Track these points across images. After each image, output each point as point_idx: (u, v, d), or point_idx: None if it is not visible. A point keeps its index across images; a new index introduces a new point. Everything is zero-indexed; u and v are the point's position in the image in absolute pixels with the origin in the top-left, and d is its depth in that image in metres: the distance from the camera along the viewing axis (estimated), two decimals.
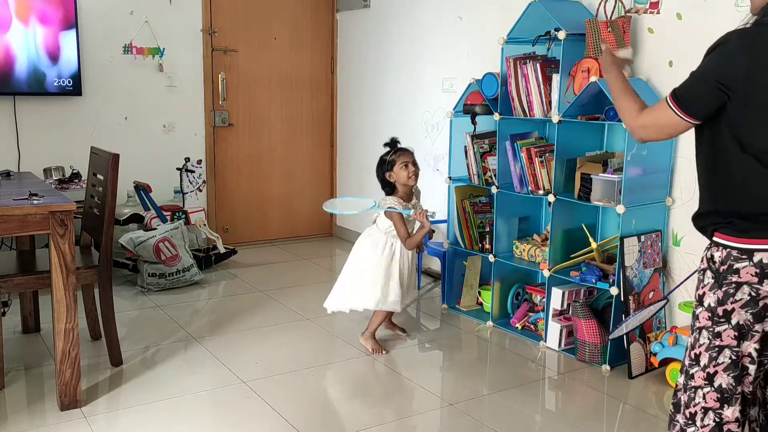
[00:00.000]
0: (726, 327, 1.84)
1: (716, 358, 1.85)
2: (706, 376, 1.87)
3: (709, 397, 1.86)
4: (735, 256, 1.82)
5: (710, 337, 1.87)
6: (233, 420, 2.85)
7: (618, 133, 3.63)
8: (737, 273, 1.82)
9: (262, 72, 5.65)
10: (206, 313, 4.21)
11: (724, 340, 1.85)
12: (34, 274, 3.04)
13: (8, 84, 4.57)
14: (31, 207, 2.73)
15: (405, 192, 3.51)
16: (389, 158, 3.47)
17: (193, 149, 5.39)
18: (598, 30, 3.43)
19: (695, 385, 1.89)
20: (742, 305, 1.82)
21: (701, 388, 1.88)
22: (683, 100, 1.87)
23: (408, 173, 3.44)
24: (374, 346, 3.57)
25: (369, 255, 3.52)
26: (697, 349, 1.90)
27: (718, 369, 1.85)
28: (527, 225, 4.06)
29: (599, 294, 3.63)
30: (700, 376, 1.88)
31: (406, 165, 3.44)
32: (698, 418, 1.88)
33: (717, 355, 1.85)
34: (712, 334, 1.86)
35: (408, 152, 3.50)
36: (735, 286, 1.82)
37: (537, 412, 3.06)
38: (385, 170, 3.49)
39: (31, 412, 2.87)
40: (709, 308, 1.87)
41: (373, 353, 3.54)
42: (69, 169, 4.70)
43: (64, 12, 4.67)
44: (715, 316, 1.85)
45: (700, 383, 1.88)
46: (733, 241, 1.83)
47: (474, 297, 4.20)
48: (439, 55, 4.85)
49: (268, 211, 5.87)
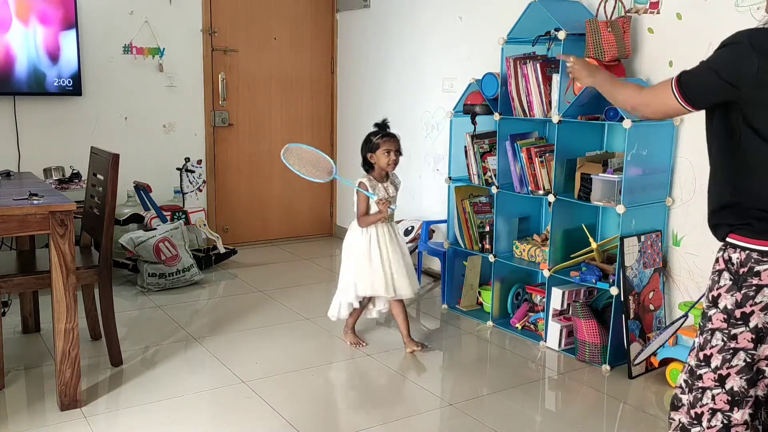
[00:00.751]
0: (743, 329, 1.81)
1: (730, 361, 1.83)
2: (717, 377, 1.85)
3: (719, 399, 1.85)
4: (756, 258, 1.79)
5: (725, 339, 1.84)
6: (233, 420, 2.85)
7: (618, 133, 3.63)
8: (758, 275, 1.79)
9: (262, 72, 5.66)
10: (206, 313, 4.21)
11: (739, 343, 1.82)
12: (34, 274, 3.04)
13: (8, 84, 4.57)
14: (31, 207, 2.73)
15: (380, 174, 3.52)
16: (375, 140, 3.48)
17: (193, 149, 5.39)
18: (598, 30, 3.43)
19: (703, 386, 1.87)
20: (762, 308, 1.79)
21: (710, 389, 1.86)
22: (686, 87, 1.87)
23: (388, 160, 3.46)
24: (352, 340, 3.65)
25: (351, 244, 3.54)
26: (708, 350, 1.87)
27: (731, 371, 1.83)
28: (527, 225, 4.06)
29: (599, 294, 3.63)
30: (710, 378, 1.86)
31: (389, 152, 3.46)
32: (705, 419, 1.86)
33: (731, 357, 1.83)
34: (728, 336, 1.84)
35: (394, 139, 3.50)
36: (755, 288, 1.79)
37: (537, 412, 3.06)
38: (368, 150, 3.50)
39: (31, 412, 2.87)
40: (725, 310, 1.84)
41: (352, 346, 3.61)
42: (69, 169, 4.70)
43: (64, 12, 4.67)
44: (732, 318, 1.83)
45: (710, 384, 1.86)
46: (753, 243, 1.80)
47: (474, 297, 4.20)
48: (439, 55, 4.85)
49: (268, 211, 5.87)
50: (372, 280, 3.45)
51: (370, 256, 3.46)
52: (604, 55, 3.43)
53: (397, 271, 3.47)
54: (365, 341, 3.68)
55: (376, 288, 3.46)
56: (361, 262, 3.47)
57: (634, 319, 3.33)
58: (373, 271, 3.45)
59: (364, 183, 3.47)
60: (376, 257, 3.46)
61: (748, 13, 3.10)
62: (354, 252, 3.51)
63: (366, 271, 3.46)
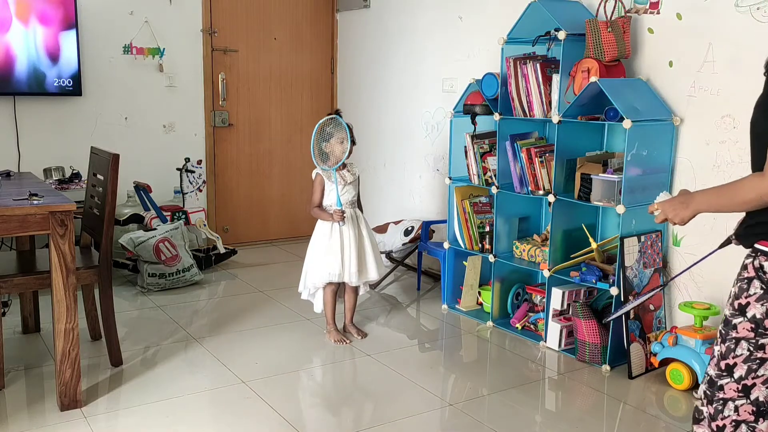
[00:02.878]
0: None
1: (756, 371, 1.79)
2: (741, 387, 1.81)
3: (743, 410, 1.81)
4: None
5: (751, 348, 1.80)
6: (233, 420, 2.85)
7: (618, 133, 3.63)
8: None
9: (262, 72, 5.66)
10: (206, 313, 4.21)
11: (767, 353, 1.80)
12: (34, 274, 3.04)
13: (8, 84, 4.57)
14: (31, 207, 2.73)
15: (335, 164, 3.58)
16: (328, 129, 3.56)
17: (193, 149, 5.39)
18: (599, 30, 3.43)
19: (725, 397, 1.83)
20: None
21: (733, 400, 1.82)
22: None
23: (342, 149, 3.55)
24: (336, 338, 3.71)
25: (315, 232, 3.70)
26: (731, 359, 1.83)
27: (757, 381, 1.79)
28: (527, 225, 4.06)
29: (599, 294, 3.63)
30: (732, 388, 1.82)
31: (342, 141, 3.54)
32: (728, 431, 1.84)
33: (758, 367, 1.79)
34: (755, 345, 1.80)
35: (345, 127, 3.56)
36: None
37: (537, 412, 3.06)
38: (321, 140, 3.58)
39: (31, 412, 2.87)
40: (754, 319, 1.80)
41: (336, 344, 3.67)
42: (69, 169, 4.70)
43: (64, 12, 4.67)
44: (761, 328, 1.79)
45: (732, 395, 1.82)
46: None
47: (474, 297, 4.20)
48: (439, 55, 4.85)
49: (268, 211, 5.87)
50: (327, 269, 3.58)
51: (330, 246, 3.58)
52: (604, 56, 3.43)
53: (355, 258, 3.58)
54: (352, 339, 3.73)
55: (332, 275, 3.58)
56: (317, 250, 3.63)
57: (634, 319, 3.33)
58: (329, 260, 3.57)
59: (320, 174, 3.60)
60: (335, 247, 3.57)
61: (748, 13, 3.10)
62: (314, 240, 3.69)
63: (321, 259, 3.60)
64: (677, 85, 3.42)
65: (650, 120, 3.34)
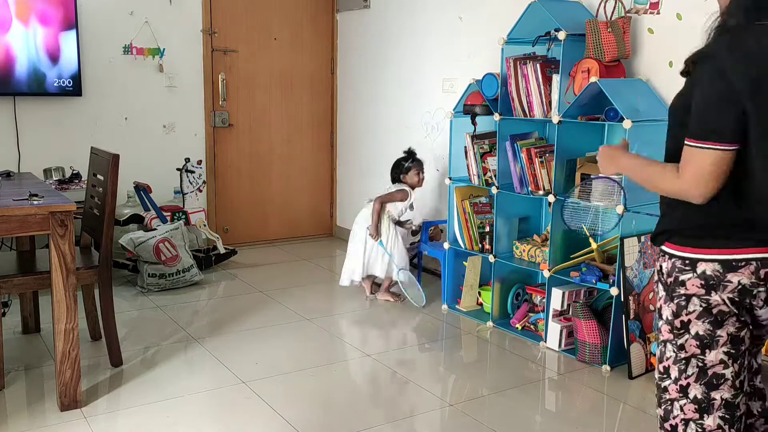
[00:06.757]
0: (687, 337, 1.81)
1: (685, 371, 1.80)
2: (679, 388, 1.82)
3: (687, 409, 1.82)
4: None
5: (675, 350, 1.82)
6: (233, 420, 2.85)
7: (618, 133, 3.63)
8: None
9: (262, 72, 5.66)
10: (206, 313, 4.21)
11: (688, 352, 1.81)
12: (34, 274, 3.04)
13: (8, 84, 4.57)
14: (31, 207, 2.73)
15: (404, 196, 4.35)
16: (407, 164, 4.39)
17: (193, 150, 5.39)
18: (599, 30, 3.43)
19: (670, 398, 1.85)
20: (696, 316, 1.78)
21: (677, 400, 1.83)
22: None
23: (419, 179, 4.42)
24: (384, 297, 4.39)
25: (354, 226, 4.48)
26: (666, 362, 1.85)
27: (690, 381, 1.80)
28: (527, 225, 4.06)
29: (599, 294, 3.63)
30: (674, 389, 1.83)
31: (419, 173, 4.41)
32: (680, 430, 1.85)
33: (685, 367, 1.80)
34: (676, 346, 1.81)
35: (422, 163, 4.43)
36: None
37: (537, 412, 3.06)
38: (400, 173, 4.40)
39: (31, 413, 2.87)
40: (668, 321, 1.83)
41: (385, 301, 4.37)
42: (69, 169, 4.70)
43: (64, 12, 4.67)
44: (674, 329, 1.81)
45: (675, 396, 1.83)
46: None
47: (474, 297, 4.20)
48: (439, 55, 4.85)
49: (268, 211, 5.87)
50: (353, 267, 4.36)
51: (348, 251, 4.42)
52: (604, 56, 3.43)
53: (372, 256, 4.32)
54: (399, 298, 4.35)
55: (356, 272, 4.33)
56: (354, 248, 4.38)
57: (634, 319, 3.33)
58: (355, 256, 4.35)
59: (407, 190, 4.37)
60: (351, 251, 4.38)
61: None
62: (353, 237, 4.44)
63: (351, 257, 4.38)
64: (677, 85, 3.41)
65: (650, 120, 3.34)
